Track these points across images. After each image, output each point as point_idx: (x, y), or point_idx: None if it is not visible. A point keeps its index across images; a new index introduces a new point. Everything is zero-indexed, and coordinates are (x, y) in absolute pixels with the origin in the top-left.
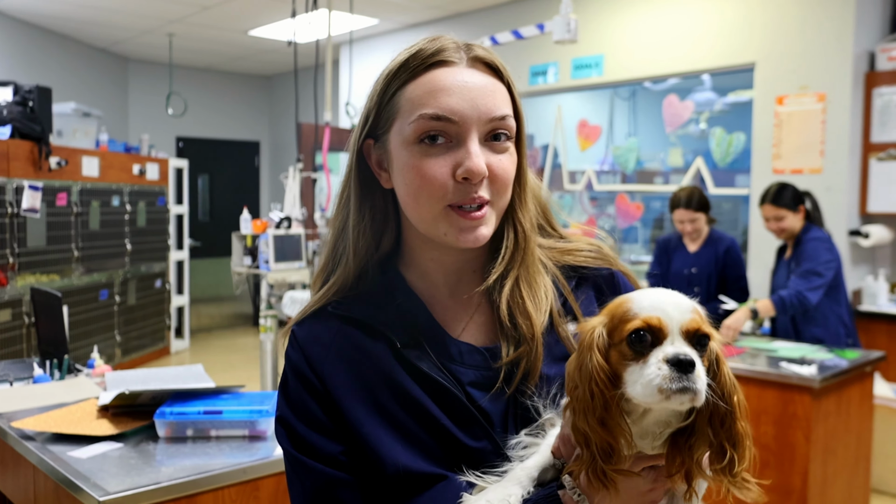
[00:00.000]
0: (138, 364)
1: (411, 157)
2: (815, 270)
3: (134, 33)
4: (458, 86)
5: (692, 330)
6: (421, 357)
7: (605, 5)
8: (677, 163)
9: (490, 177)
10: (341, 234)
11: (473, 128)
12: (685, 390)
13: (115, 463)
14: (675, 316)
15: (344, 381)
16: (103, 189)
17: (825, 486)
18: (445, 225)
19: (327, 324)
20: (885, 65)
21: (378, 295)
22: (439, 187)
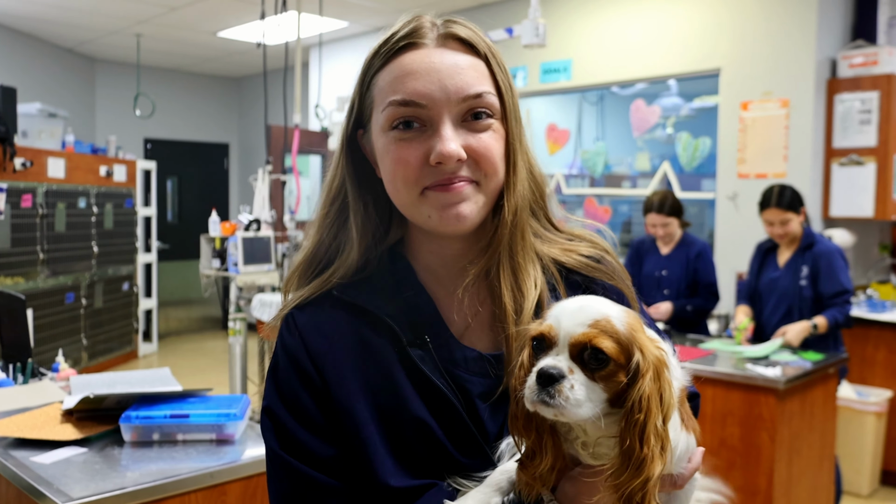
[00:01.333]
0: (105, 368)
1: (387, 144)
2: (846, 290)
3: (101, 33)
4: (424, 68)
5: (579, 343)
6: (425, 359)
7: (574, 10)
8: (644, 167)
9: (473, 158)
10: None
11: (445, 110)
12: (546, 403)
13: (79, 468)
14: (567, 328)
15: (347, 379)
16: (69, 191)
17: (790, 485)
18: (427, 207)
19: (332, 312)
20: (846, 72)
21: (386, 284)
22: (413, 172)
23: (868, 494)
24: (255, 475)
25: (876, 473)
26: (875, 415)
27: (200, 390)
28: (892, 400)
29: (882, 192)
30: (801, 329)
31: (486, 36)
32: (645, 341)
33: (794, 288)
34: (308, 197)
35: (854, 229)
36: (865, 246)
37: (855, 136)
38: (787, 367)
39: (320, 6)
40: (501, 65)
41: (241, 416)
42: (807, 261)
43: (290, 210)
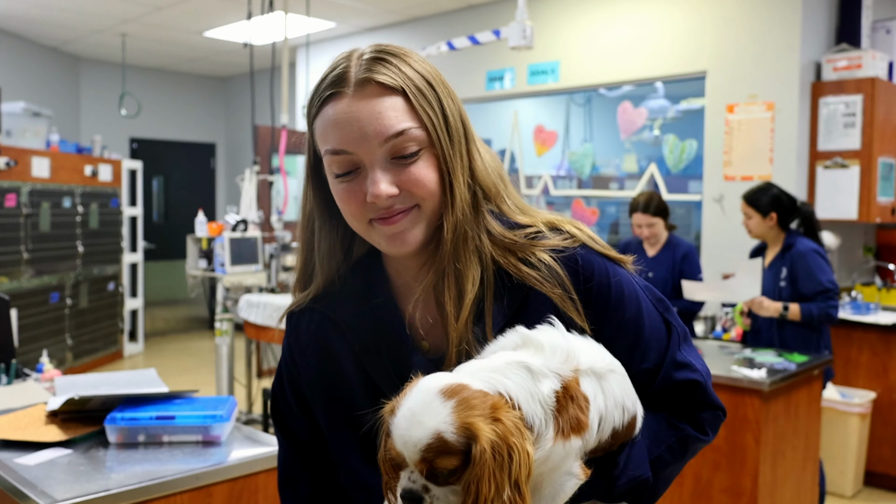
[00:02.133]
0: (90, 368)
1: (334, 185)
2: (828, 289)
3: (86, 32)
4: (346, 118)
5: (422, 467)
6: (375, 364)
7: (561, 13)
8: (632, 169)
9: (405, 191)
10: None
11: (370, 154)
12: None
13: (63, 470)
14: (408, 455)
15: (312, 376)
16: (54, 190)
17: (774, 487)
18: (376, 236)
19: (311, 317)
20: (831, 75)
21: (356, 293)
22: (357, 210)
23: (852, 495)
24: (242, 477)
25: (860, 474)
26: (859, 416)
27: (186, 392)
28: (876, 401)
29: (866, 195)
30: (771, 305)
31: (412, 64)
32: (480, 428)
33: (774, 289)
34: (295, 197)
35: (838, 231)
36: (850, 248)
37: (839, 138)
38: (772, 369)
39: (307, 6)
40: (425, 92)
41: (227, 417)
42: (786, 262)
43: (277, 210)
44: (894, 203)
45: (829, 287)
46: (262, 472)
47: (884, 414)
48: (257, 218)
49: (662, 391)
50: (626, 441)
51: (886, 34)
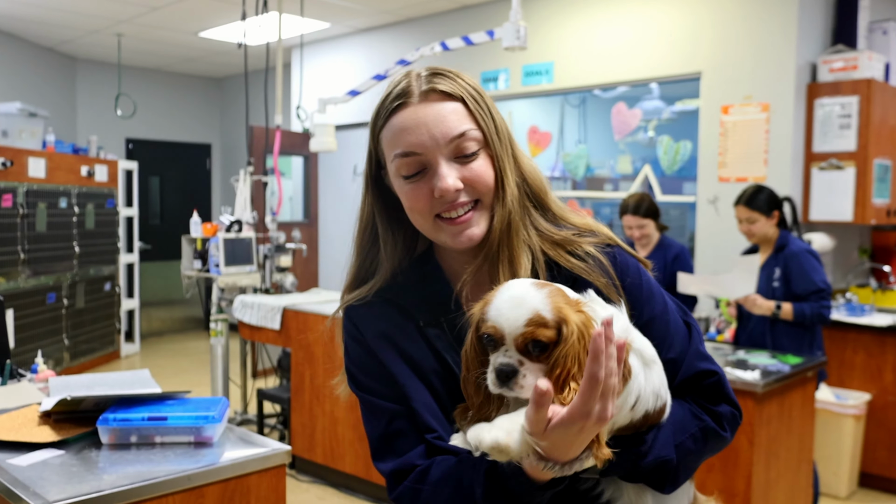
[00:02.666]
0: (87, 368)
1: (401, 187)
2: (821, 289)
3: (81, 33)
4: (414, 123)
5: (521, 341)
6: (439, 336)
7: (555, 13)
8: (626, 170)
9: (469, 186)
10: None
11: (437, 153)
12: (508, 389)
13: (55, 471)
14: (509, 330)
15: (385, 347)
16: (50, 190)
17: (768, 489)
18: (443, 234)
19: (370, 307)
20: (826, 76)
21: (415, 283)
22: (424, 206)
23: (846, 496)
24: (234, 478)
25: (854, 476)
26: (854, 417)
27: (179, 392)
28: (871, 403)
29: (861, 197)
30: (764, 303)
31: (464, 78)
32: (568, 313)
33: (768, 289)
34: (290, 198)
35: (834, 233)
36: (845, 250)
37: (835, 140)
38: (766, 371)
39: (301, 7)
40: (478, 100)
41: (219, 418)
42: (779, 262)
43: (271, 211)
44: (890, 205)
45: (823, 287)
46: (253, 473)
47: (878, 416)
48: (251, 219)
49: (685, 381)
50: (655, 424)
51: (883, 35)
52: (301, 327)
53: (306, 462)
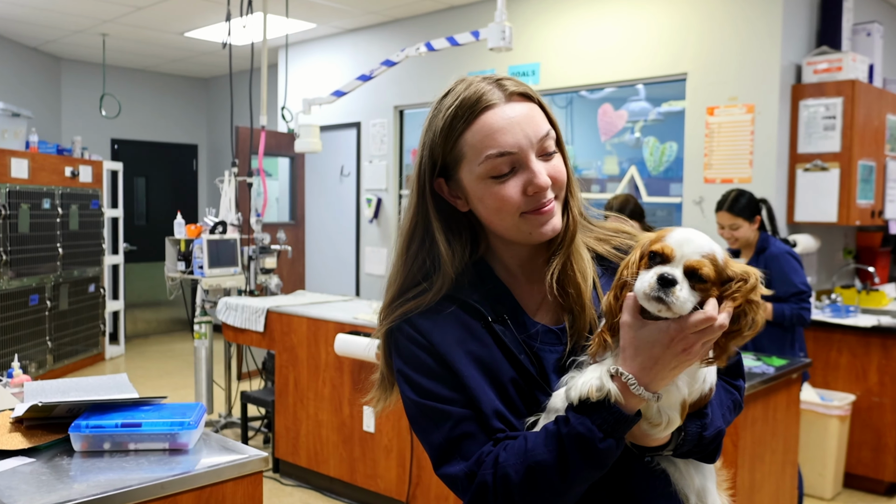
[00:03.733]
0: (71, 370)
1: (487, 188)
2: (801, 291)
3: (66, 32)
4: (507, 123)
5: (691, 266)
6: (505, 333)
7: (541, 14)
8: (612, 171)
9: (553, 182)
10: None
11: (530, 152)
12: (659, 300)
13: (25, 479)
14: (686, 252)
15: (451, 345)
16: (33, 191)
17: (753, 491)
18: (527, 226)
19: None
20: (811, 77)
21: (472, 283)
22: (514, 205)
23: (831, 498)
24: (209, 486)
25: (839, 476)
26: (838, 418)
27: (154, 398)
28: (856, 404)
29: (846, 198)
30: None
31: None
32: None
33: None
34: (276, 199)
35: (818, 234)
36: (829, 251)
37: (819, 141)
38: (751, 373)
39: (286, 8)
40: (545, 104)
41: (195, 424)
42: (760, 265)
43: (256, 212)
44: (874, 206)
45: (803, 289)
46: (229, 481)
47: (863, 416)
48: (236, 220)
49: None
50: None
51: (867, 37)
52: (286, 329)
53: (290, 465)
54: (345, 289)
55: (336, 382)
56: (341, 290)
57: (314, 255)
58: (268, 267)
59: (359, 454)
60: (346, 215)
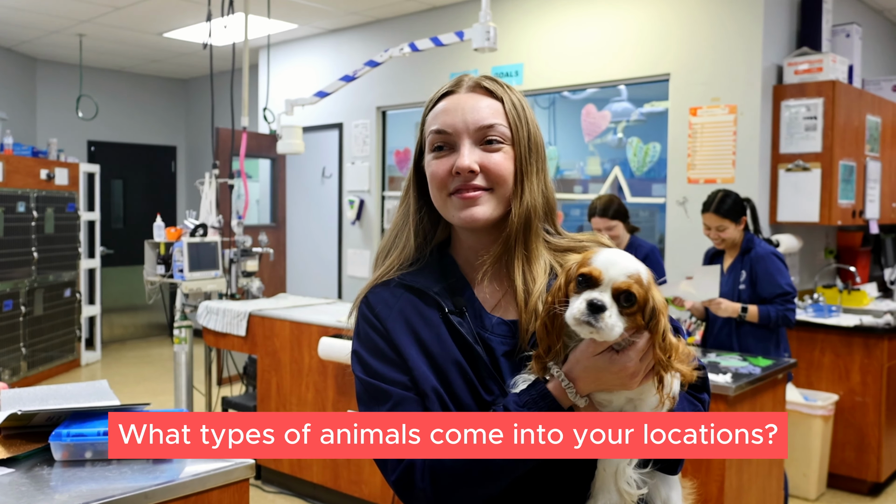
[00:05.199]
0: (46, 377)
1: (430, 160)
2: (786, 292)
3: (42, 33)
4: (454, 106)
5: (619, 288)
6: (462, 325)
7: (524, 15)
8: (596, 171)
9: (484, 171)
10: (402, 225)
11: (464, 135)
12: (589, 323)
13: (3, 490)
14: (612, 275)
15: (403, 333)
16: (8, 194)
17: (740, 493)
18: (451, 208)
19: (393, 291)
20: (792, 78)
21: (434, 273)
22: (442, 181)
23: (815, 498)
24: (194, 494)
25: (823, 477)
26: (822, 418)
27: (137, 405)
28: (839, 403)
29: (827, 198)
30: (730, 306)
31: (513, 89)
32: (656, 292)
33: (734, 292)
34: (258, 201)
35: (800, 234)
36: (811, 250)
37: (801, 141)
38: (737, 374)
39: (268, 8)
40: (517, 106)
41: None
42: (745, 266)
43: (237, 215)
44: (855, 205)
45: (788, 290)
46: (215, 489)
47: (846, 416)
48: (217, 222)
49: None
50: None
51: (846, 38)
52: (268, 333)
53: (272, 472)
54: (327, 291)
55: (319, 387)
56: (323, 292)
57: (295, 257)
58: (249, 270)
59: (342, 460)
60: (328, 217)
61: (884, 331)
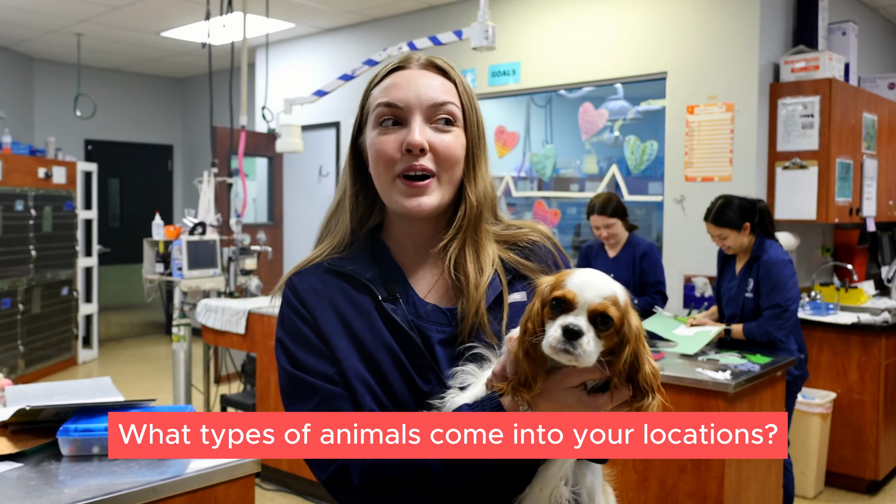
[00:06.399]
0: (43, 375)
1: (374, 137)
2: (783, 307)
3: (39, 32)
4: (405, 81)
5: (596, 310)
6: (396, 311)
7: (522, 14)
8: (592, 170)
9: (433, 151)
10: (337, 207)
11: (416, 111)
12: (567, 351)
13: (12, 484)
14: (587, 297)
15: (332, 321)
16: (6, 193)
17: (739, 490)
18: (396, 193)
19: (322, 277)
20: (789, 76)
21: (366, 258)
22: (389, 158)
23: (813, 496)
24: (201, 489)
25: (821, 475)
26: (820, 416)
27: (143, 401)
28: (836, 401)
29: (824, 195)
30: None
31: (460, 73)
32: (632, 314)
33: (740, 297)
34: (254, 199)
35: (797, 232)
36: (809, 248)
37: (798, 139)
38: (736, 371)
39: (266, 7)
40: (468, 90)
41: None
42: (753, 273)
43: (236, 213)
44: (852, 203)
45: (781, 304)
46: (221, 484)
47: (844, 414)
48: (215, 221)
49: None
50: None
51: (842, 36)
52: (267, 331)
53: (272, 470)
54: None
55: None
56: None
57: (293, 255)
58: (248, 268)
59: None
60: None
61: (881, 328)
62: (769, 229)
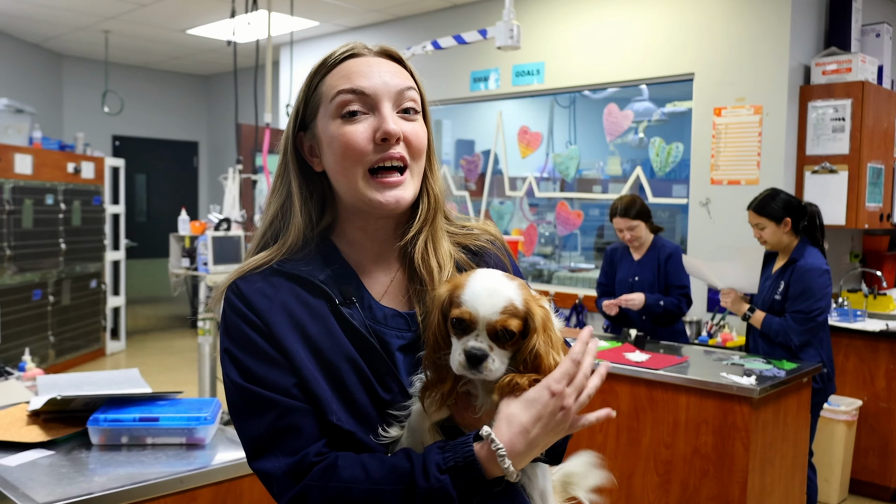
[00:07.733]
0: (72, 365)
1: (336, 130)
2: (807, 314)
3: (68, 29)
4: (367, 68)
5: (495, 327)
6: (353, 315)
7: (547, 13)
8: (616, 171)
9: (406, 141)
10: (281, 210)
11: (384, 98)
12: (475, 372)
13: (45, 471)
14: (484, 314)
15: (286, 327)
16: (36, 187)
17: (763, 495)
18: (370, 191)
19: (271, 280)
20: (820, 79)
21: (317, 261)
22: (360, 151)
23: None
24: (226, 480)
25: (845, 482)
26: (846, 423)
27: (170, 393)
28: (862, 409)
29: (854, 201)
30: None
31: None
32: (533, 305)
33: (768, 299)
34: None
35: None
36: (837, 254)
37: (828, 143)
38: (762, 376)
39: (291, 5)
40: (421, 83)
41: (212, 419)
42: (786, 276)
43: (260, 210)
44: (882, 209)
45: (806, 312)
46: (246, 476)
47: (870, 422)
48: (240, 217)
49: None
50: None
51: (876, 38)
52: None
53: None
54: None
55: None
56: None
57: None
58: None
59: None
60: None
61: None
62: (817, 235)
